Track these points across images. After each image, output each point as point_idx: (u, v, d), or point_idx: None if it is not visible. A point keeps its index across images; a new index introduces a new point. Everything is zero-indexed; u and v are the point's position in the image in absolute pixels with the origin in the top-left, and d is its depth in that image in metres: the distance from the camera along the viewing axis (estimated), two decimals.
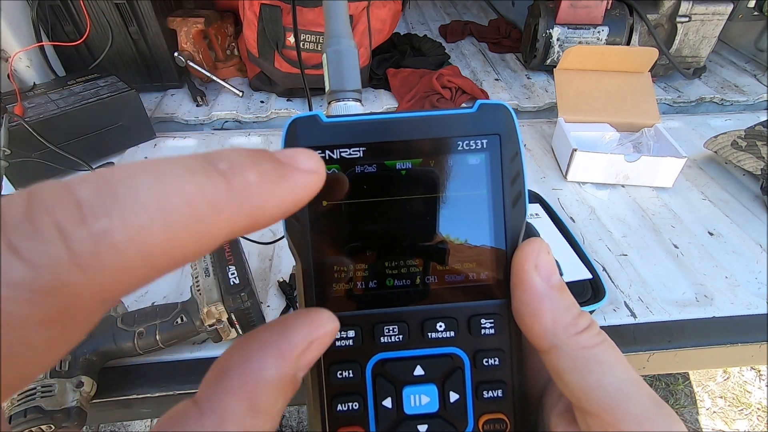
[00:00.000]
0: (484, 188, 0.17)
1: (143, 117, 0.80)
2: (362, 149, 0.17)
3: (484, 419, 0.17)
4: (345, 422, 0.17)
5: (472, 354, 0.17)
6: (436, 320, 0.17)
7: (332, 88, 0.24)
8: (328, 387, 0.17)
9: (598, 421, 0.14)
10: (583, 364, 0.15)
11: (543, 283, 0.16)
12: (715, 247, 0.64)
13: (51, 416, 0.39)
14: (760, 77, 1.06)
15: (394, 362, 0.17)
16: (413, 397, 0.17)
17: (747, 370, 1.38)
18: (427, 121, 0.17)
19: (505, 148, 0.17)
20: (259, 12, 0.84)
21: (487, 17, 1.32)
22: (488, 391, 0.17)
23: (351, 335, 0.17)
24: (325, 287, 0.17)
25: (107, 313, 0.47)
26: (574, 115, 0.79)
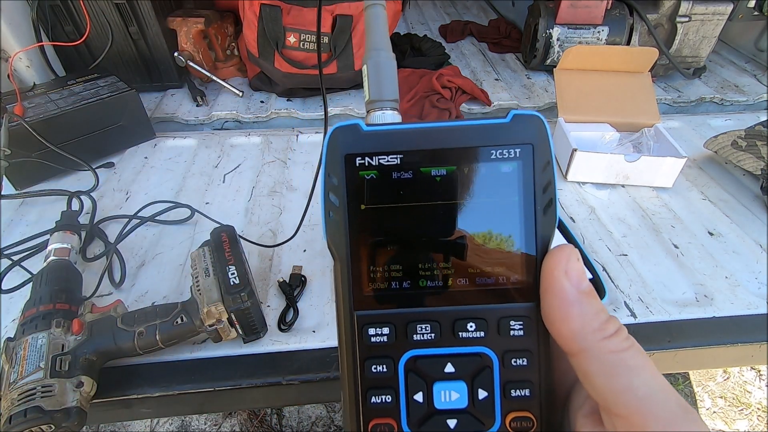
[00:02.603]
0: (516, 195, 0.18)
1: (143, 117, 0.80)
2: (400, 156, 0.18)
3: (511, 417, 0.18)
4: (378, 414, 0.18)
5: (501, 354, 0.18)
6: (466, 321, 0.18)
7: (371, 97, 0.25)
8: (363, 381, 0.18)
9: (626, 423, 0.14)
10: (612, 368, 0.15)
11: (573, 289, 0.16)
12: (715, 247, 0.64)
13: (51, 416, 0.39)
14: (760, 77, 1.06)
15: (425, 359, 0.18)
16: (443, 392, 0.18)
17: (747, 370, 1.38)
18: (461, 131, 0.18)
19: (538, 157, 0.18)
20: (259, 12, 0.84)
21: (487, 17, 1.32)
22: (516, 390, 0.18)
23: (385, 332, 0.18)
24: (360, 286, 0.18)
25: (107, 313, 0.47)
26: (574, 115, 0.79)
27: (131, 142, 0.80)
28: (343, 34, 0.86)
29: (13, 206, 0.68)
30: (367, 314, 0.18)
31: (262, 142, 0.83)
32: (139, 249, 0.62)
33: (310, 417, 1.21)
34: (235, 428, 1.19)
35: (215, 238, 0.51)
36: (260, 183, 0.74)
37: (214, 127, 0.90)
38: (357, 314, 0.18)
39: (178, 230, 0.65)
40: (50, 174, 0.73)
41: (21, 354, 0.42)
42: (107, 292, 0.56)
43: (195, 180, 0.74)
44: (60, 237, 0.55)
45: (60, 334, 0.44)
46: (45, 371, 0.41)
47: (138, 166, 0.77)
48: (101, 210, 0.67)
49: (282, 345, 0.51)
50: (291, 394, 0.49)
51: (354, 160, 0.18)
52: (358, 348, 0.18)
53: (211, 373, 0.48)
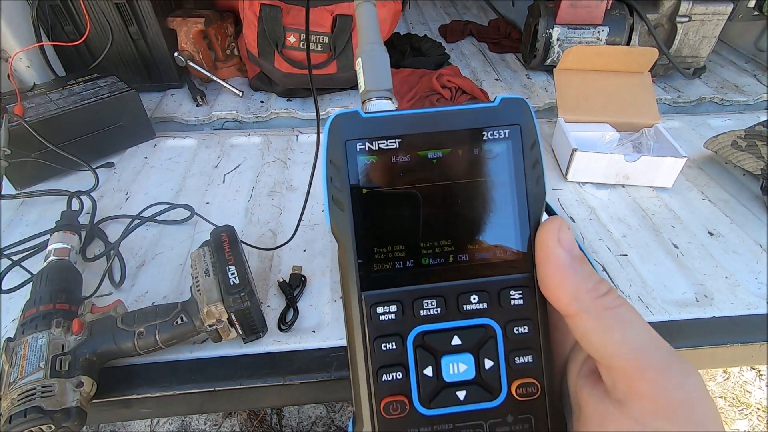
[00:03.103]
0: (507, 173, 0.19)
1: (143, 117, 0.80)
2: (398, 141, 0.19)
3: (516, 384, 0.18)
4: (389, 392, 0.18)
5: (504, 324, 0.19)
6: (469, 294, 0.19)
7: (367, 87, 0.26)
8: (374, 360, 0.18)
9: (623, 374, 0.15)
10: (607, 324, 0.16)
11: (566, 255, 0.17)
12: (715, 247, 0.64)
13: (51, 416, 0.39)
14: (760, 77, 1.06)
15: (432, 334, 0.19)
16: (452, 365, 0.18)
17: (747, 370, 1.38)
18: (454, 115, 0.19)
19: (525, 136, 0.19)
20: (259, 12, 0.84)
21: (487, 17, 1.32)
22: (519, 358, 0.19)
23: (393, 310, 0.19)
24: (366, 268, 0.19)
25: (107, 313, 0.47)
26: (574, 115, 0.79)
27: (131, 142, 0.80)
28: (343, 34, 0.86)
29: (13, 206, 0.68)
30: (375, 294, 0.19)
31: (262, 142, 0.83)
32: (139, 249, 0.62)
33: (310, 417, 1.21)
34: (235, 428, 1.19)
35: (215, 238, 0.51)
36: (260, 183, 0.74)
37: (214, 127, 0.90)
38: (365, 295, 0.19)
39: (178, 230, 0.65)
40: (50, 174, 0.73)
41: (21, 354, 0.42)
42: (107, 292, 0.56)
43: (195, 180, 0.74)
44: (60, 237, 0.55)
45: (60, 334, 0.44)
46: (45, 371, 0.41)
47: (138, 166, 0.77)
48: (101, 210, 0.67)
49: (282, 345, 0.51)
50: (291, 394, 0.49)
51: (355, 145, 0.19)
52: (368, 328, 0.18)
53: (211, 373, 0.48)
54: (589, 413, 0.16)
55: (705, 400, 0.15)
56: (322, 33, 0.85)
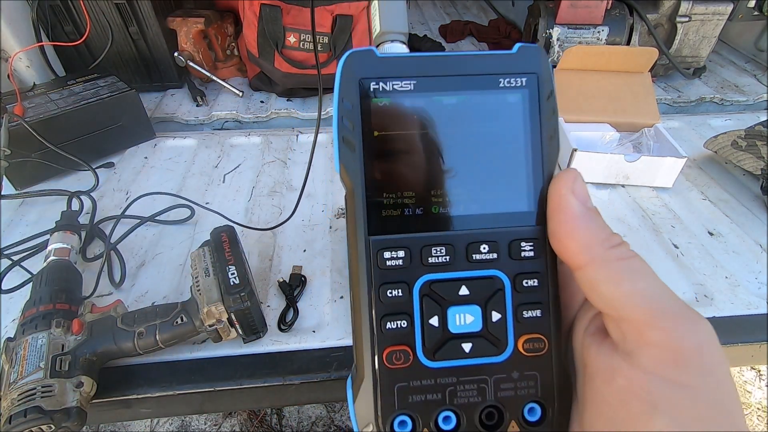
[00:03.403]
0: (523, 122, 0.19)
1: (143, 117, 0.80)
2: (413, 82, 0.18)
3: (523, 339, 0.18)
4: (392, 342, 0.17)
5: (513, 276, 0.18)
6: (479, 243, 0.18)
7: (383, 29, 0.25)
8: (378, 307, 0.18)
9: (634, 325, 0.15)
10: (618, 274, 0.15)
11: (580, 205, 0.17)
12: (715, 247, 0.64)
13: (51, 416, 0.39)
14: (760, 77, 1.06)
15: (440, 283, 0.18)
16: (458, 316, 0.18)
17: (747, 370, 1.38)
18: (472, 60, 0.19)
19: (542, 86, 0.19)
20: (259, 12, 0.84)
21: (487, 17, 1.32)
22: (528, 312, 0.18)
23: (401, 255, 0.18)
24: (375, 211, 0.18)
25: (107, 313, 0.47)
26: (574, 115, 0.79)
27: (131, 142, 0.80)
28: (343, 34, 0.86)
29: (13, 206, 0.68)
30: (383, 239, 0.18)
31: (262, 142, 0.83)
32: (139, 249, 0.62)
33: (310, 417, 1.21)
34: (235, 428, 1.19)
35: (215, 238, 0.51)
36: (260, 183, 0.74)
37: (214, 127, 0.90)
38: (372, 239, 0.18)
39: (178, 230, 0.65)
40: (50, 174, 0.73)
41: (21, 354, 0.42)
42: (107, 292, 0.56)
43: (195, 180, 0.74)
44: (60, 237, 0.55)
45: (60, 334, 0.44)
46: (45, 371, 0.41)
47: (138, 166, 0.77)
48: (101, 210, 0.67)
49: (282, 345, 0.51)
50: (291, 394, 0.49)
51: (369, 84, 0.18)
52: (373, 274, 0.18)
53: (211, 373, 0.48)
54: (596, 369, 0.16)
55: (715, 347, 0.14)
56: (322, 33, 0.85)
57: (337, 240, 0.63)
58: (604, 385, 0.16)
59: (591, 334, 0.17)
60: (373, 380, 0.17)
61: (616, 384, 0.15)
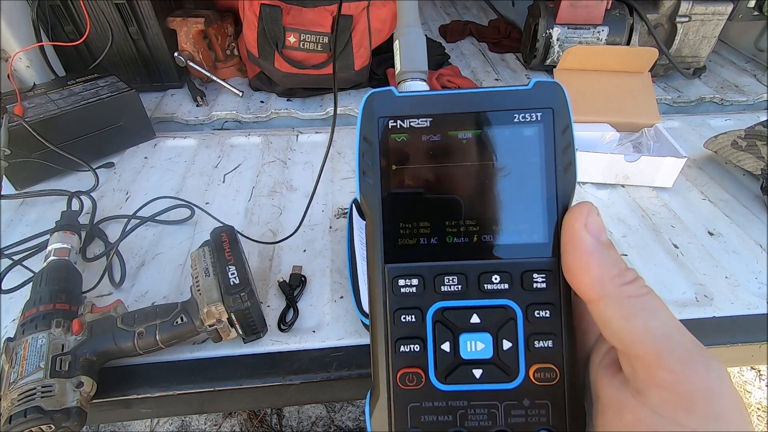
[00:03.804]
0: (537, 156, 0.19)
1: (143, 117, 0.80)
2: (429, 120, 0.19)
3: (534, 368, 0.18)
4: (406, 364, 0.18)
5: (525, 307, 0.19)
6: (491, 273, 0.19)
7: (403, 69, 0.27)
8: (393, 331, 0.19)
9: (644, 363, 0.15)
10: (630, 311, 0.16)
11: (593, 240, 0.17)
12: (715, 247, 0.64)
13: (51, 416, 0.39)
14: (760, 77, 1.06)
15: (452, 310, 0.19)
16: (469, 343, 0.18)
17: (747, 370, 1.38)
18: (487, 96, 0.19)
19: (558, 121, 0.20)
20: (259, 12, 0.84)
21: (487, 17, 1.32)
22: (539, 342, 0.18)
23: (414, 283, 0.19)
24: (391, 240, 0.19)
25: (107, 313, 0.47)
26: (574, 115, 0.79)
27: (131, 142, 0.80)
28: (343, 34, 0.86)
29: (13, 206, 0.68)
30: (398, 267, 0.19)
31: (262, 142, 0.83)
32: (139, 249, 0.62)
33: (310, 417, 1.21)
34: (235, 428, 1.19)
35: (215, 238, 0.51)
36: (260, 183, 0.74)
37: (214, 127, 0.90)
38: (388, 267, 0.19)
39: (178, 230, 0.65)
40: (50, 174, 0.73)
41: (21, 354, 0.42)
42: (107, 292, 0.56)
43: (195, 180, 0.74)
44: (60, 237, 0.55)
45: (60, 334, 0.44)
46: (45, 371, 0.41)
47: (138, 166, 0.77)
48: (101, 210, 0.67)
49: (282, 345, 0.51)
50: (291, 394, 0.49)
51: (387, 123, 0.19)
52: (389, 299, 0.19)
53: (211, 373, 0.48)
54: (607, 402, 0.16)
55: (728, 391, 0.14)
56: (322, 33, 0.85)
57: (337, 240, 0.63)
58: (614, 417, 0.16)
59: (605, 366, 0.18)
60: (388, 399, 0.18)
61: (625, 419, 0.15)
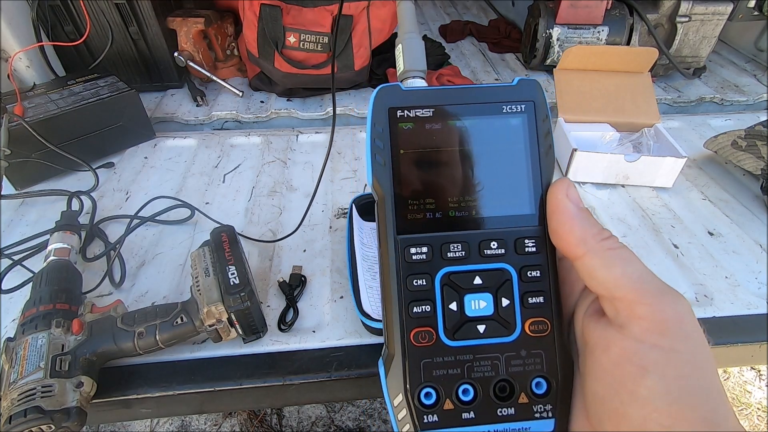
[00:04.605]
0: (523, 141, 0.23)
1: (143, 117, 0.80)
2: (432, 110, 0.22)
3: (529, 322, 0.21)
4: (418, 324, 0.21)
5: (519, 269, 0.21)
6: (490, 241, 0.22)
7: (406, 68, 0.31)
8: (405, 294, 0.21)
9: (625, 302, 0.18)
10: (611, 261, 0.19)
11: (574, 206, 0.20)
12: (715, 247, 0.64)
13: (51, 416, 0.39)
14: (760, 77, 1.06)
15: (457, 274, 0.21)
16: (473, 302, 0.21)
17: (747, 370, 1.38)
18: (480, 90, 0.23)
19: (538, 111, 0.23)
20: (259, 12, 0.84)
21: (487, 17, 1.32)
22: (532, 298, 0.21)
23: (424, 251, 0.21)
24: (402, 215, 0.22)
25: (107, 313, 0.47)
26: (574, 115, 0.79)
27: (131, 142, 0.81)
28: (343, 34, 0.86)
29: (13, 206, 0.68)
30: (409, 237, 0.22)
31: (262, 142, 0.83)
32: (139, 249, 0.62)
33: (310, 417, 1.21)
34: (235, 428, 1.19)
35: (215, 238, 0.51)
36: (260, 183, 0.74)
37: (214, 127, 0.90)
38: (400, 238, 0.22)
39: (178, 230, 0.65)
40: (50, 174, 0.73)
41: (21, 354, 0.42)
42: (107, 292, 0.56)
43: (195, 180, 0.74)
44: (60, 237, 0.55)
45: (60, 334, 0.44)
46: (45, 371, 0.41)
47: (138, 166, 0.77)
48: (101, 210, 0.67)
49: (282, 345, 0.51)
50: (291, 394, 0.49)
51: (396, 112, 0.22)
52: (401, 266, 0.21)
53: (211, 373, 0.48)
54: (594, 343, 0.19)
55: (692, 317, 0.18)
56: (322, 33, 0.85)
57: (337, 240, 0.63)
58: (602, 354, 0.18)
59: (589, 315, 0.20)
60: (403, 357, 0.20)
61: (612, 352, 0.18)
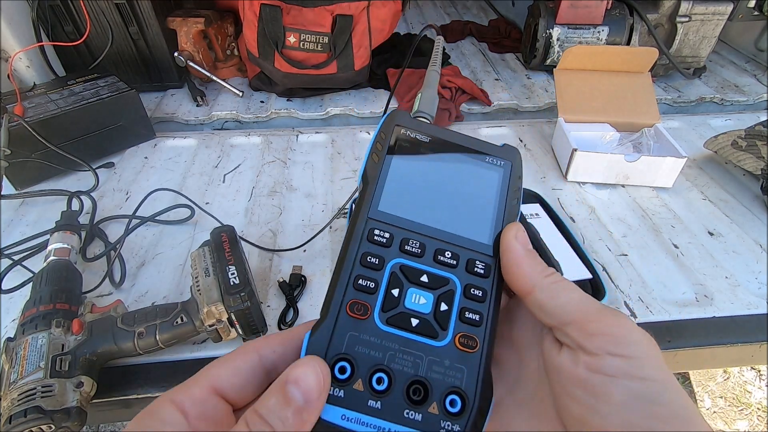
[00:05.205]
0: (496, 189, 0.26)
1: (143, 117, 0.80)
2: (429, 138, 0.27)
3: (460, 335, 0.22)
4: (358, 296, 0.22)
5: (464, 284, 0.23)
6: (446, 250, 0.24)
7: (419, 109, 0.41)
8: (356, 269, 0.22)
9: (574, 325, 0.21)
10: (555, 292, 0.21)
11: (522, 248, 0.23)
12: (715, 247, 0.64)
13: (51, 416, 0.39)
14: (760, 77, 1.06)
15: (408, 267, 0.23)
16: (415, 295, 0.22)
17: (747, 370, 1.38)
18: (472, 140, 0.27)
19: (514, 170, 0.27)
20: (259, 12, 0.84)
21: (487, 17, 1.32)
22: (469, 314, 0.22)
23: (386, 236, 0.23)
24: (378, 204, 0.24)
25: (107, 313, 0.47)
26: (574, 115, 0.79)
27: (131, 142, 0.81)
28: (343, 34, 0.86)
29: (13, 206, 0.68)
30: (378, 221, 0.24)
31: (262, 142, 0.83)
32: (139, 249, 0.62)
33: None
34: None
35: (215, 238, 0.51)
36: (260, 183, 0.74)
37: (214, 127, 0.90)
38: (369, 218, 0.24)
39: (178, 230, 0.65)
40: (50, 174, 0.73)
41: (21, 354, 0.42)
42: (107, 292, 0.56)
43: (195, 180, 0.74)
44: (60, 237, 0.55)
45: (60, 334, 0.44)
46: (45, 371, 0.41)
47: (138, 166, 0.77)
48: (101, 210, 0.67)
49: None
50: None
51: (401, 129, 0.26)
52: (362, 244, 0.23)
53: None
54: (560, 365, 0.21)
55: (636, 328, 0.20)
56: (322, 33, 0.85)
57: (337, 240, 0.63)
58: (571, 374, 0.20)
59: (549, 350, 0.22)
60: (334, 322, 0.21)
61: (580, 369, 0.20)
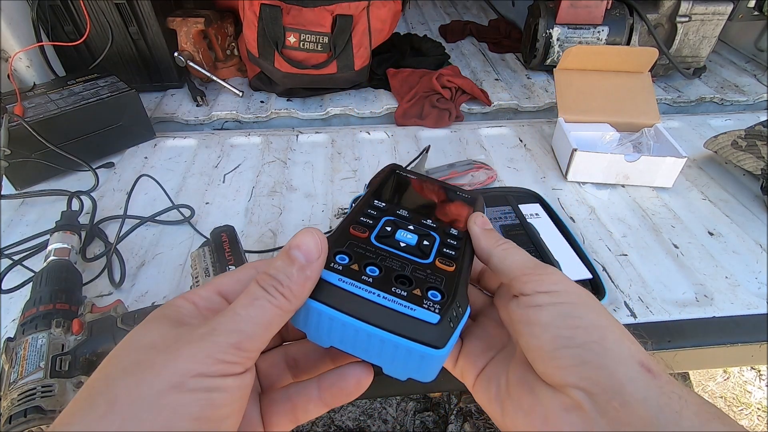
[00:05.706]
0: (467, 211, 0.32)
1: (143, 117, 0.80)
2: (414, 177, 0.35)
3: (439, 258, 0.27)
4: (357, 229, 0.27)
5: (442, 236, 0.29)
6: (428, 220, 0.30)
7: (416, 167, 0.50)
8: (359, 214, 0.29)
9: (516, 280, 0.26)
10: (504, 256, 0.27)
11: (480, 228, 0.30)
12: (715, 247, 0.64)
13: (51, 416, 0.39)
14: (760, 77, 1.06)
15: (399, 220, 0.29)
16: (403, 233, 0.28)
17: (747, 370, 1.38)
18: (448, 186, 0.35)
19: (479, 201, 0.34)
20: (259, 12, 0.84)
21: (487, 17, 1.32)
22: (447, 249, 0.28)
23: (383, 206, 0.30)
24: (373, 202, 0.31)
25: (107, 313, 0.47)
26: (574, 115, 0.80)
27: (131, 142, 0.81)
28: (343, 34, 0.86)
29: (13, 206, 0.68)
30: (375, 204, 0.30)
31: (262, 142, 0.83)
32: (139, 249, 0.62)
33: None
34: None
35: (215, 238, 0.51)
36: (260, 183, 0.74)
37: (214, 127, 0.90)
38: (374, 198, 0.31)
39: (178, 230, 0.65)
40: (50, 174, 0.73)
41: (21, 354, 0.42)
42: (107, 292, 0.56)
43: (195, 180, 0.74)
44: (60, 237, 0.55)
45: (60, 334, 0.44)
46: (45, 371, 0.41)
47: (138, 166, 0.77)
48: (101, 210, 0.67)
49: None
50: None
51: (396, 171, 0.35)
52: (365, 207, 0.29)
53: None
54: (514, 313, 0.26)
55: (567, 278, 0.25)
56: (322, 33, 0.85)
57: None
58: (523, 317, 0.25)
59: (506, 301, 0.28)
60: (339, 235, 0.27)
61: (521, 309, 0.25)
